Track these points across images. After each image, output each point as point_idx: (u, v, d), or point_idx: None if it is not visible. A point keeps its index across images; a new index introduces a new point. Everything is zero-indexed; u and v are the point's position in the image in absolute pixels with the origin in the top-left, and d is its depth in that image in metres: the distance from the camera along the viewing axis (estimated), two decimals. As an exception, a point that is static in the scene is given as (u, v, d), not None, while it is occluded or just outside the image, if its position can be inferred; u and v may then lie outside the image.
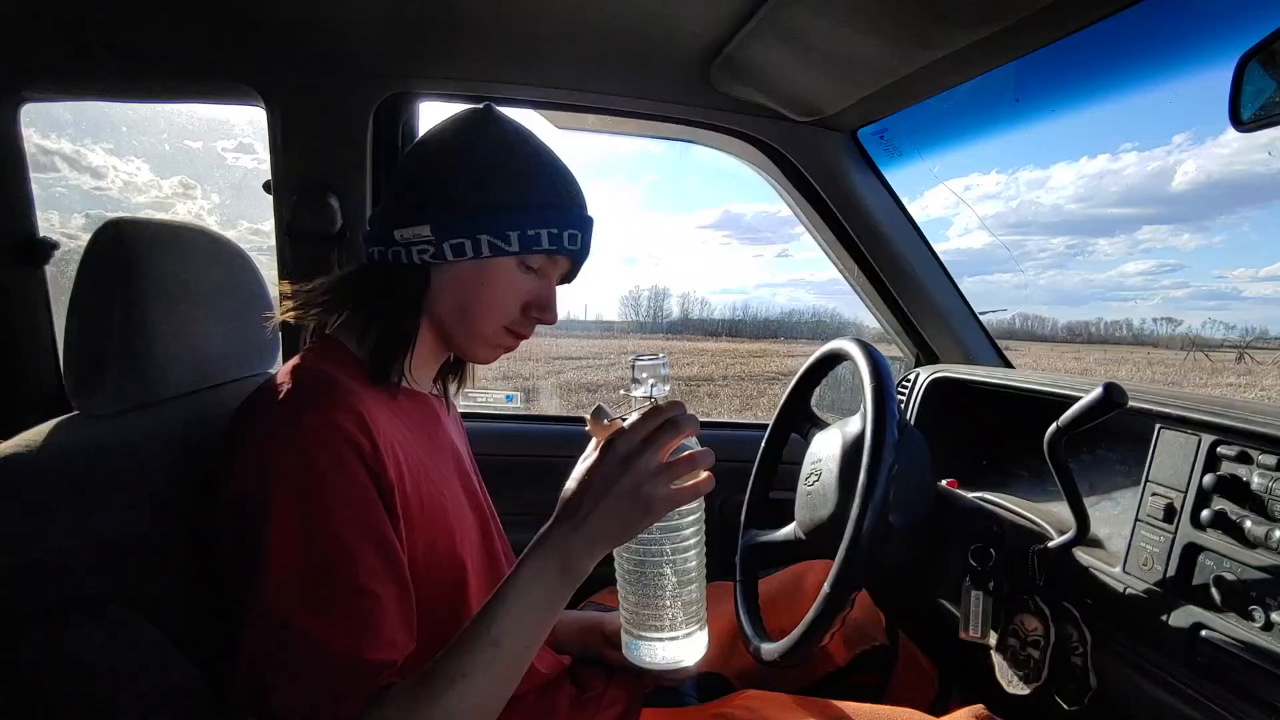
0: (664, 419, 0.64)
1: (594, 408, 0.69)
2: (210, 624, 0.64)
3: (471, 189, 0.73)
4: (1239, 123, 0.76)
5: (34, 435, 0.63)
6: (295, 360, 0.72)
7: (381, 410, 0.69)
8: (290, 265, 1.31)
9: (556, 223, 0.75)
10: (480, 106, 0.79)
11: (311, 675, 0.57)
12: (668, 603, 0.68)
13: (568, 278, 0.84)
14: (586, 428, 0.69)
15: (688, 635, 0.70)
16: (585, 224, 0.78)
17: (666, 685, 0.94)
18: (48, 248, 1.39)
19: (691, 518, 0.69)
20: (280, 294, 0.79)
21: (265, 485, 0.59)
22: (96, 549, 0.59)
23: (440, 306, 0.77)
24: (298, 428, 0.61)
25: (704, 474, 0.65)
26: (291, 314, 0.77)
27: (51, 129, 1.52)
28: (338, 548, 0.60)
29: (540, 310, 0.79)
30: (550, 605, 0.64)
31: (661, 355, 0.70)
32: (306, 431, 0.61)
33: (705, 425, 1.79)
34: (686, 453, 0.65)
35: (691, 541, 0.69)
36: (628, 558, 0.69)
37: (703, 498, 0.67)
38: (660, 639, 0.69)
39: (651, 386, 0.69)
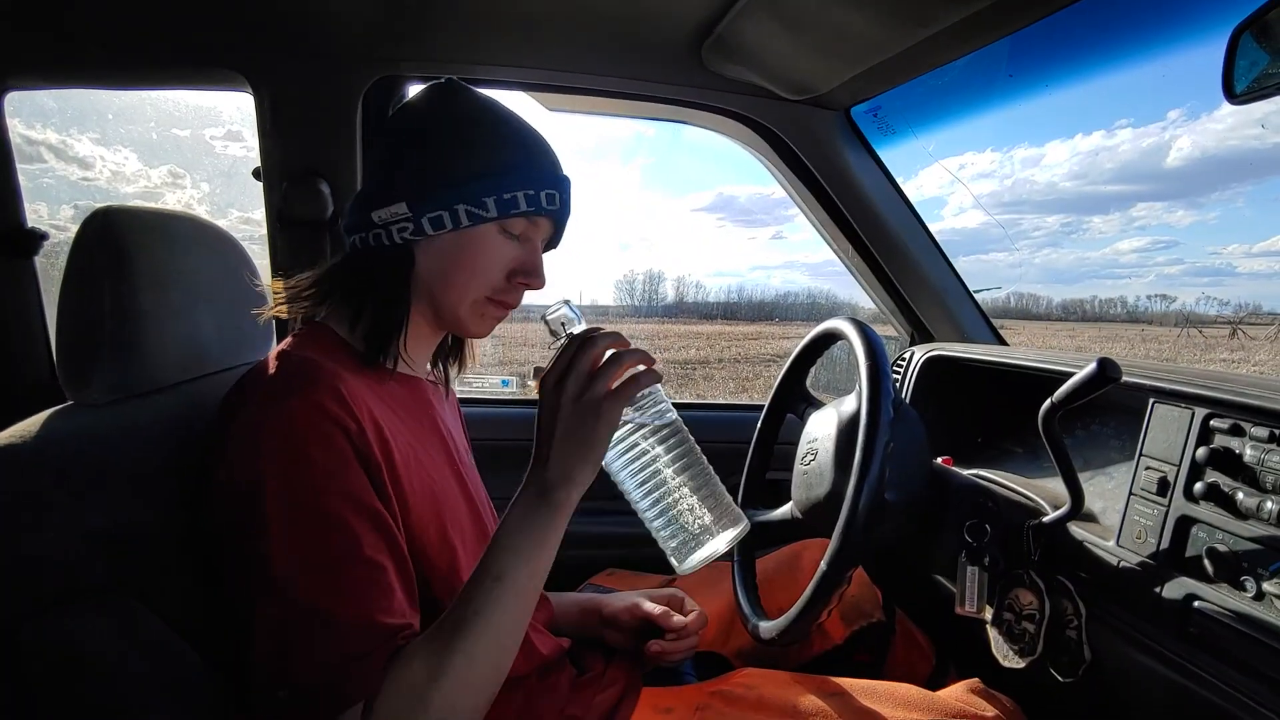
0: (579, 342, 0.66)
1: (533, 368, 0.71)
2: (211, 612, 0.64)
3: (443, 160, 0.73)
4: (1232, 95, 0.75)
5: (28, 426, 0.63)
6: (280, 346, 0.72)
7: (368, 393, 0.69)
8: (283, 253, 1.30)
9: (532, 184, 0.75)
10: (443, 81, 0.79)
11: (330, 644, 0.58)
12: (687, 505, 0.68)
13: (552, 242, 0.84)
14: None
15: (723, 527, 0.69)
16: (561, 183, 0.78)
17: (665, 665, 0.94)
18: (36, 239, 1.38)
19: (655, 410, 0.69)
20: (270, 289, 0.79)
21: (255, 469, 0.60)
22: (93, 539, 0.59)
23: (427, 282, 0.77)
24: (282, 410, 0.61)
25: (640, 367, 0.67)
26: (280, 310, 0.77)
27: (36, 118, 1.51)
28: (333, 524, 0.60)
29: (527, 275, 0.78)
30: (544, 537, 0.65)
31: (563, 301, 0.72)
32: (291, 413, 0.61)
33: (701, 408, 1.79)
34: (610, 353, 0.67)
35: (673, 440, 0.69)
36: (627, 480, 0.69)
37: (670, 409, 0.70)
38: (698, 542, 0.69)
39: (566, 330, 0.70)
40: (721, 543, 0.69)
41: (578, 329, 0.70)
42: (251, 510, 0.59)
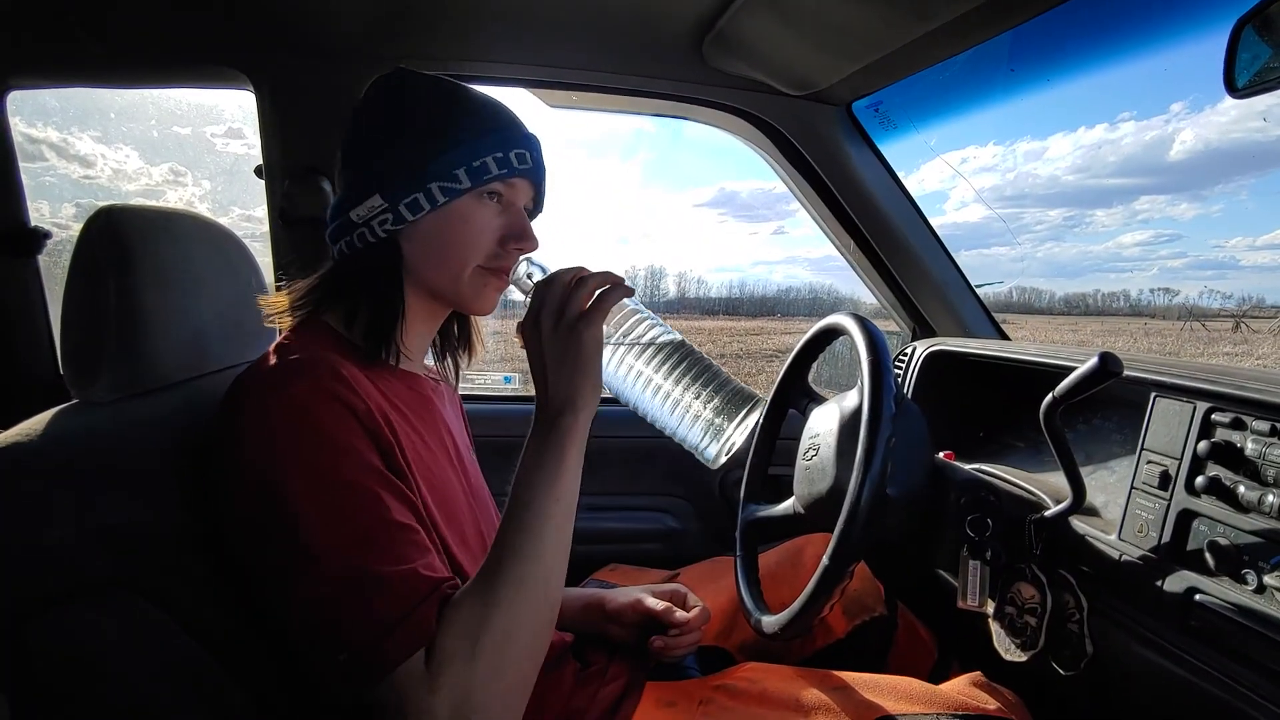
0: (545, 283, 0.69)
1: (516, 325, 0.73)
2: (218, 608, 0.65)
3: (408, 144, 0.74)
4: (1234, 89, 0.75)
5: (34, 424, 0.63)
6: (279, 340, 0.73)
7: (370, 386, 0.70)
8: (285, 250, 1.30)
9: (499, 147, 0.75)
10: (392, 72, 0.79)
11: (379, 601, 0.58)
12: (696, 407, 0.68)
13: (536, 206, 0.84)
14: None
15: (738, 413, 0.69)
16: (530, 142, 0.78)
17: (668, 660, 0.95)
18: (40, 238, 1.38)
19: (641, 326, 0.70)
20: (268, 296, 0.80)
21: (271, 454, 0.60)
22: (100, 535, 0.60)
23: (419, 269, 0.77)
24: (289, 394, 0.62)
25: (608, 285, 0.68)
26: (276, 320, 0.78)
27: (37, 117, 1.51)
28: (358, 493, 0.61)
29: (518, 239, 0.78)
30: (561, 463, 0.65)
31: (525, 259, 0.75)
32: (299, 397, 0.62)
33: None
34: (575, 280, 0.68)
35: (665, 349, 0.69)
36: (634, 396, 0.70)
37: (656, 322, 0.71)
38: (719, 433, 0.68)
39: (534, 282, 0.72)
40: (742, 429, 0.68)
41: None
42: (274, 496, 0.59)
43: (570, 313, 0.66)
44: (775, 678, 0.86)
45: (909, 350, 1.42)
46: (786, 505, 1.05)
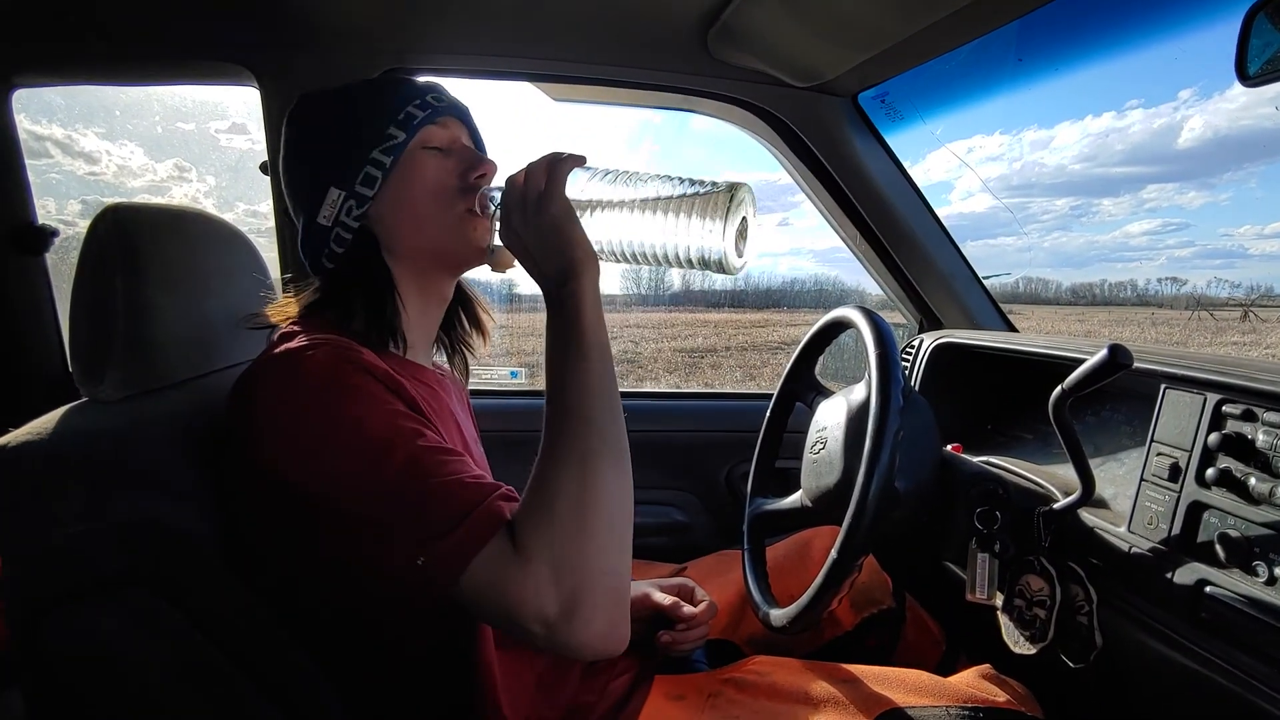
0: (503, 194, 0.70)
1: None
2: (231, 605, 0.65)
3: (339, 133, 0.77)
4: (1245, 77, 0.74)
5: (45, 423, 0.64)
6: (283, 330, 0.73)
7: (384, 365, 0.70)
8: (291, 245, 1.30)
9: (412, 96, 0.78)
10: (296, 99, 0.82)
11: (447, 500, 0.58)
12: (684, 233, 0.66)
13: (478, 146, 0.86)
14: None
15: (723, 212, 0.65)
16: (434, 87, 0.82)
17: (675, 655, 0.95)
18: (47, 235, 1.38)
19: (603, 183, 0.69)
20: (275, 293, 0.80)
21: (302, 416, 0.61)
22: (113, 533, 0.60)
23: (401, 242, 0.78)
24: (309, 364, 0.62)
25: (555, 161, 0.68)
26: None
27: (42, 114, 1.51)
28: (398, 428, 0.61)
29: (474, 167, 0.79)
30: (580, 325, 0.65)
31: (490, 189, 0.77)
32: (319, 362, 0.62)
33: (710, 396, 1.79)
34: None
35: (632, 201, 0.68)
36: (627, 249, 0.69)
37: (615, 175, 0.70)
38: (711, 242, 0.66)
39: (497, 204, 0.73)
40: (734, 218, 0.64)
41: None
42: (311, 457, 0.59)
43: (531, 198, 0.67)
44: (784, 671, 0.86)
45: (916, 342, 1.41)
46: (794, 498, 1.05)
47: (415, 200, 0.77)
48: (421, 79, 0.82)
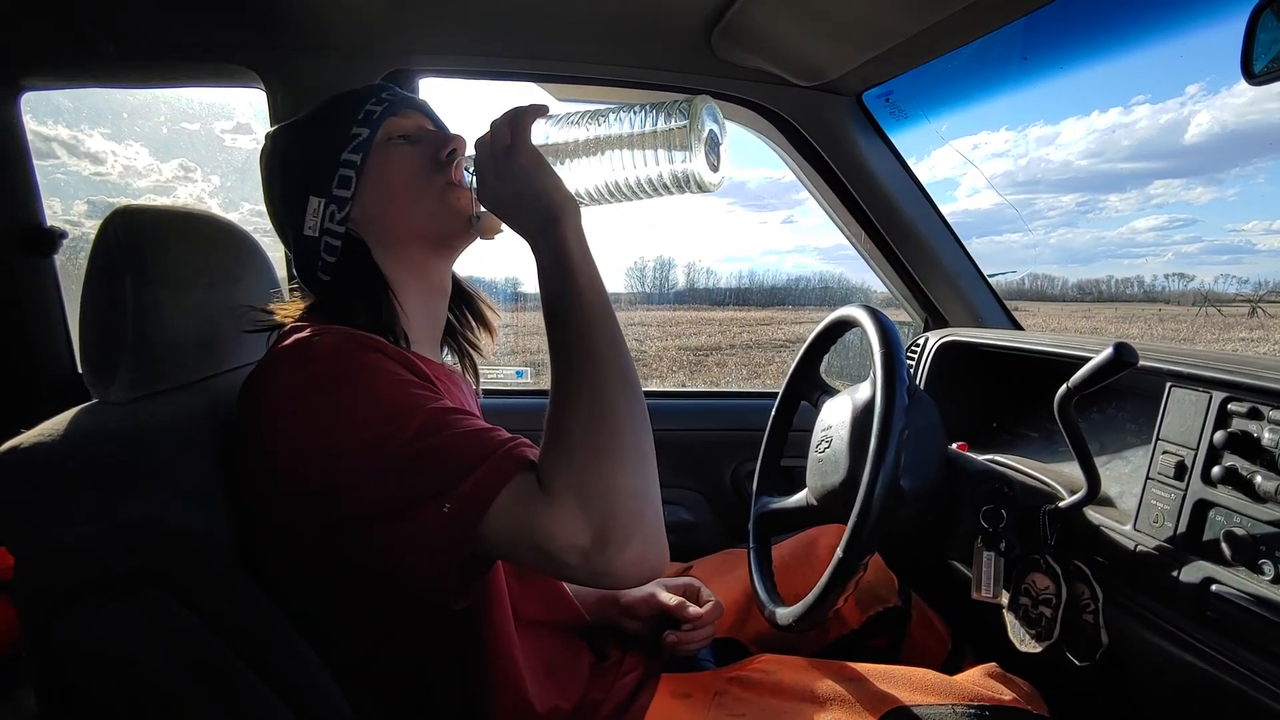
0: (475, 156, 0.71)
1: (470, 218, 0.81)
2: (242, 604, 0.66)
3: (307, 147, 0.80)
4: (1251, 75, 0.74)
5: (56, 424, 0.64)
6: (289, 327, 0.73)
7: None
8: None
9: (368, 96, 0.81)
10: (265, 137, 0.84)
11: (465, 448, 0.59)
12: (653, 160, 0.66)
13: (441, 130, 0.87)
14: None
15: (687, 128, 0.64)
16: (386, 86, 0.85)
17: (681, 654, 0.95)
18: (56, 237, 1.39)
19: (566, 127, 0.70)
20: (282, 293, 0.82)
21: (316, 397, 0.61)
22: (124, 532, 0.61)
23: (387, 233, 0.80)
24: (320, 349, 0.64)
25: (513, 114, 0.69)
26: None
27: (48, 115, 1.52)
28: (412, 395, 0.62)
29: (442, 145, 0.81)
30: (567, 264, 0.65)
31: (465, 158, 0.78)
32: (329, 346, 0.64)
33: (715, 395, 1.79)
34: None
35: (598, 137, 0.68)
36: (604, 183, 0.69)
37: (578, 115, 0.70)
38: (671, 154, 0.66)
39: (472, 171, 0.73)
40: (705, 123, 0.64)
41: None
42: (331, 437, 0.60)
43: (499, 153, 0.67)
44: (789, 669, 0.86)
45: (921, 341, 1.41)
46: (799, 497, 1.06)
47: (393, 188, 0.79)
48: (419, 80, 0.84)
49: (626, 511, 0.57)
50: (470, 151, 0.74)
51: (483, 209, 0.77)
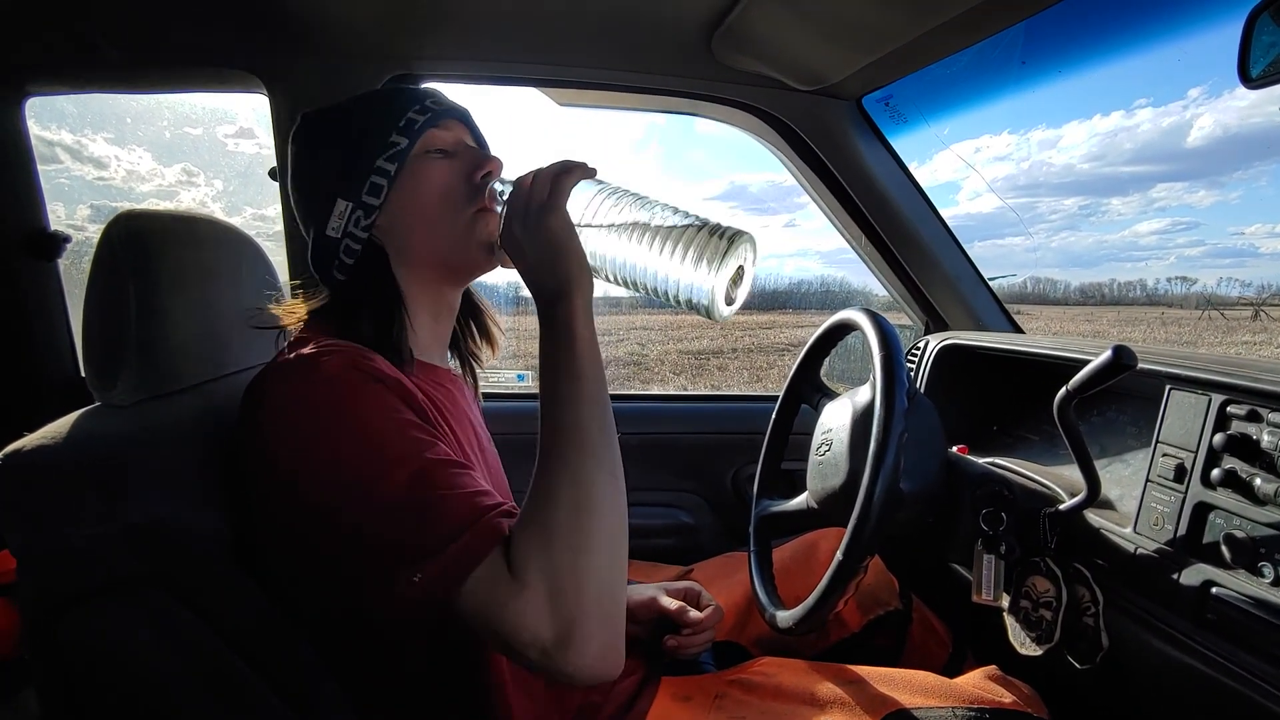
0: (509, 196, 0.70)
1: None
2: (245, 607, 0.66)
3: (342, 146, 0.77)
4: (1248, 79, 0.74)
5: (59, 427, 0.64)
6: (296, 336, 0.73)
7: (395, 372, 0.70)
8: (300, 250, 1.31)
9: (412, 102, 0.79)
10: (298, 119, 0.82)
11: (444, 517, 0.57)
12: (679, 271, 0.65)
13: (481, 145, 0.85)
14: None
15: (722, 254, 0.63)
16: (432, 91, 0.82)
17: (682, 657, 0.95)
18: (60, 241, 1.40)
19: (611, 205, 0.69)
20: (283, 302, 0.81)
21: (312, 424, 0.61)
22: (127, 534, 0.61)
23: (409, 249, 0.79)
24: (318, 374, 0.63)
25: (563, 170, 0.68)
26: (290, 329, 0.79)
27: (52, 120, 1.53)
28: (405, 439, 0.61)
29: (480, 166, 0.79)
30: (572, 345, 0.65)
31: (500, 181, 0.77)
32: (328, 373, 0.63)
33: (716, 399, 1.80)
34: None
35: (636, 226, 0.67)
36: (625, 275, 0.68)
37: (626, 194, 0.69)
38: (711, 287, 0.65)
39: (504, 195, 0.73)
40: (729, 267, 0.63)
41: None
42: (320, 467, 0.59)
43: (534, 207, 0.66)
44: (790, 672, 0.86)
45: (921, 344, 1.42)
46: (800, 500, 1.06)
47: (423, 205, 0.77)
48: (422, 85, 0.83)
49: (595, 616, 0.56)
50: (506, 177, 0.73)
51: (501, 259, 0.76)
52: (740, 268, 0.65)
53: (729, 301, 0.66)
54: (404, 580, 0.56)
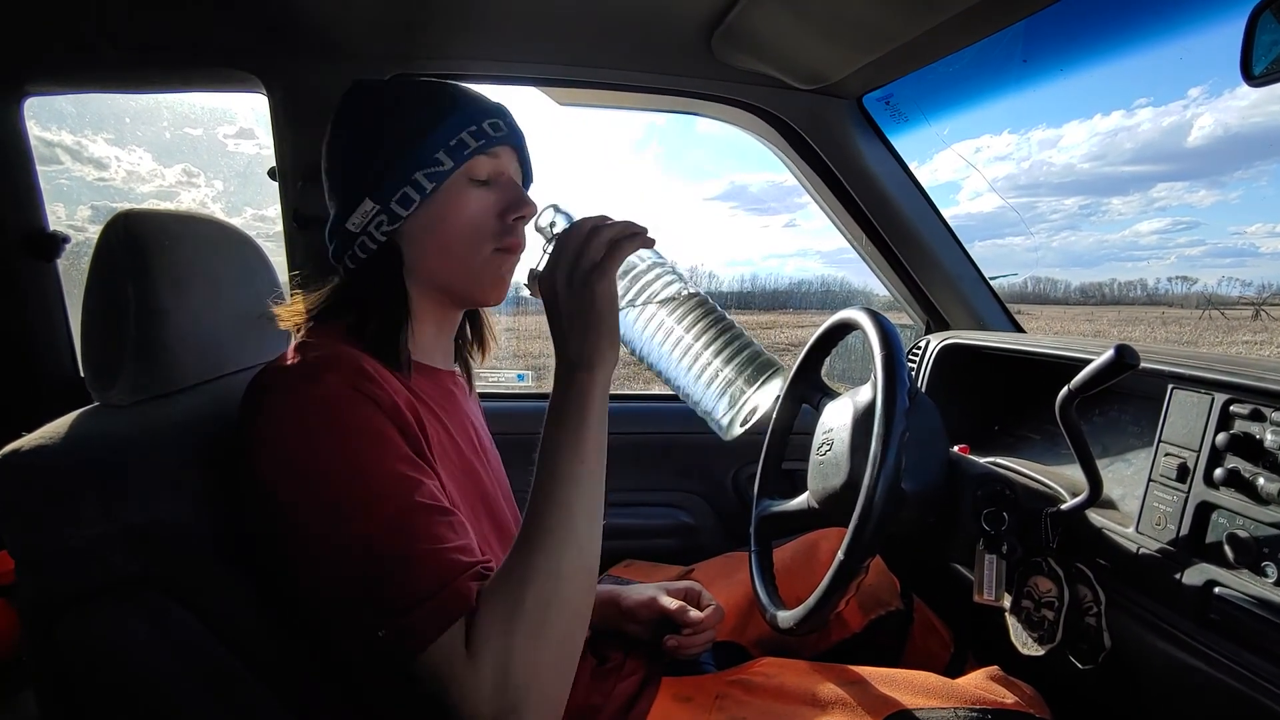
0: (565, 232, 0.68)
1: (528, 271, 0.74)
2: (243, 608, 0.66)
3: (388, 143, 0.74)
4: (1251, 77, 0.74)
5: (57, 427, 0.64)
6: (296, 340, 0.73)
7: (393, 380, 0.70)
8: (299, 251, 1.31)
9: (471, 120, 0.75)
10: (353, 85, 0.80)
11: (414, 576, 0.57)
12: (713, 371, 0.65)
13: (525, 176, 0.84)
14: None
15: (755, 383, 0.65)
16: (499, 110, 0.79)
17: (683, 657, 0.95)
18: (59, 242, 1.40)
19: (660, 282, 0.68)
20: (283, 304, 0.80)
21: (301, 444, 0.60)
22: (126, 535, 0.61)
23: (425, 266, 0.77)
24: (312, 389, 0.62)
25: (625, 234, 0.66)
26: (290, 327, 0.79)
27: (52, 121, 1.53)
28: (391, 478, 0.61)
29: (515, 208, 0.77)
30: (582, 421, 0.64)
31: (551, 207, 0.75)
32: (322, 391, 0.62)
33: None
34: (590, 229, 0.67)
35: (684, 307, 0.67)
36: (651, 355, 0.68)
37: (675, 279, 0.68)
38: (735, 404, 0.65)
39: (554, 228, 0.72)
40: (759, 399, 0.65)
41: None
42: (306, 485, 0.59)
43: (584, 264, 0.65)
44: (791, 673, 0.86)
45: (922, 344, 1.41)
46: (801, 500, 1.05)
47: (448, 231, 0.76)
48: (492, 101, 0.80)
49: (536, 706, 0.57)
50: (558, 220, 0.71)
51: (530, 285, 0.73)
52: (758, 405, 0.66)
53: (741, 425, 0.67)
54: (369, 630, 0.57)
